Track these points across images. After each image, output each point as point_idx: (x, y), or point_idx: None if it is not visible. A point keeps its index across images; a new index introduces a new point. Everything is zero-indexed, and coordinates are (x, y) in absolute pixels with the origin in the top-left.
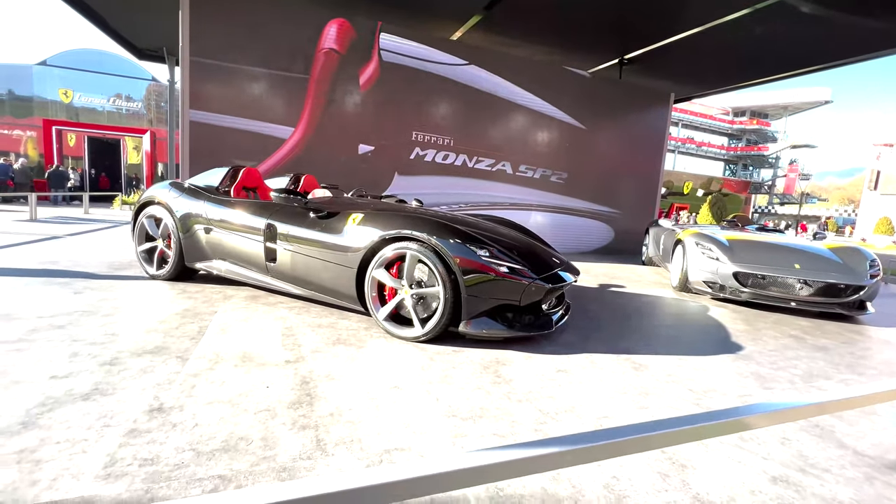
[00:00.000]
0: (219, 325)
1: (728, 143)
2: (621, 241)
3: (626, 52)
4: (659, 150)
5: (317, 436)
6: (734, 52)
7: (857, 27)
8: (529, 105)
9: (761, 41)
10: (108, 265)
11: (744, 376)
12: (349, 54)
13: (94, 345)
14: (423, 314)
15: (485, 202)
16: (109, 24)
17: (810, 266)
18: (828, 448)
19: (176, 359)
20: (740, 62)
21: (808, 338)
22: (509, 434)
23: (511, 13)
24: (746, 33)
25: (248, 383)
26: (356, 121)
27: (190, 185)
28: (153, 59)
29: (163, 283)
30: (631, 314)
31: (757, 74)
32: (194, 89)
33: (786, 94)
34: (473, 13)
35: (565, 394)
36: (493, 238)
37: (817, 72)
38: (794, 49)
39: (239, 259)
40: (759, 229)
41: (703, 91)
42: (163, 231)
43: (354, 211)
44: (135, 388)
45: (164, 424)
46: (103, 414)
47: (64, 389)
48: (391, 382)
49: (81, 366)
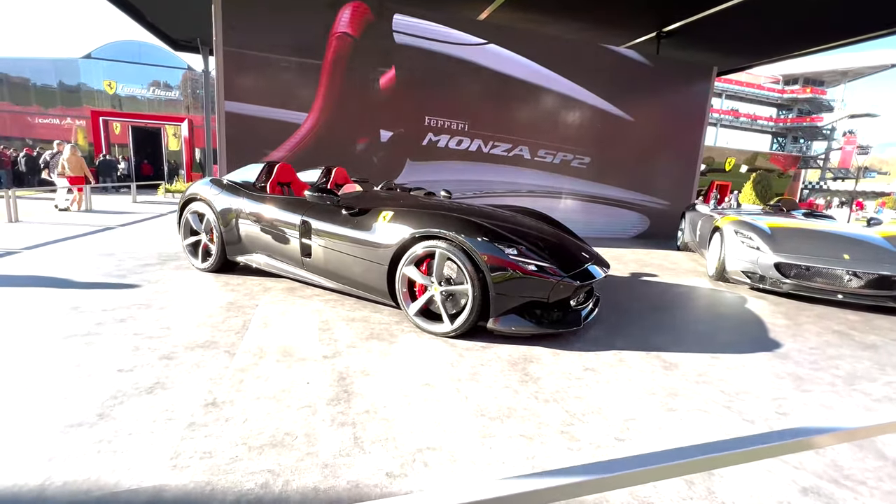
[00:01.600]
0: (260, 318)
1: (777, 115)
2: (656, 227)
3: (665, 24)
4: (699, 128)
5: (354, 433)
6: (787, 19)
7: None
8: (552, 86)
9: (819, 4)
10: (158, 256)
11: (780, 377)
12: (363, 39)
13: (151, 339)
14: (452, 310)
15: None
16: (146, 17)
17: (861, 256)
18: (866, 458)
19: (224, 353)
20: (794, 29)
21: (855, 334)
22: (536, 436)
23: None
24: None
25: (289, 378)
26: (371, 107)
27: (229, 182)
28: (188, 49)
29: (207, 274)
30: (662, 307)
31: (813, 42)
32: (228, 79)
33: (845, 58)
34: None
35: (592, 394)
36: (522, 234)
37: (885, 36)
38: (857, 11)
39: (276, 253)
40: (806, 215)
41: (750, 62)
42: (206, 226)
43: (385, 208)
44: (190, 382)
45: (218, 419)
46: (166, 408)
47: (131, 383)
48: (422, 379)
49: (143, 359)
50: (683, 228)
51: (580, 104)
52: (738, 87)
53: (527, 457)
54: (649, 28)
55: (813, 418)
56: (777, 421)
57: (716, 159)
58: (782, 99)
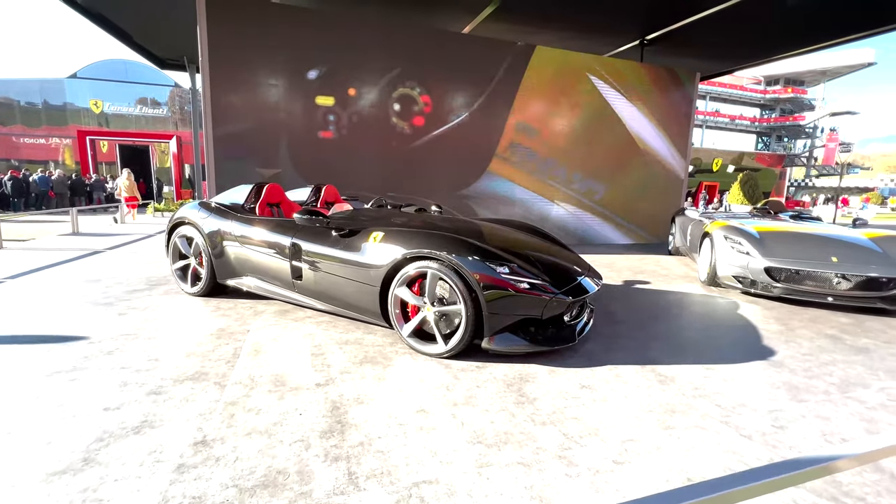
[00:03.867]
0: (252, 345)
1: (760, 115)
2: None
3: (648, 32)
4: (684, 133)
5: (349, 468)
6: (765, 25)
7: None
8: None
9: (795, 11)
10: (146, 281)
11: (775, 387)
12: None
13: (139, 372)
14: (446, 330)
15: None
16: (132, 38)
17: (849, 258)
18: (863, 472)
19: (214, 385)
20: (772, 35)
21: (847, 337)
22: (533, 462)
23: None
24: (779, 4)
25: (282, 410)
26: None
27: (217, 205)
28: (174, 67)
29: (197, 299)
30: (656, 316)
31: (791, 46)
32: (215, 97)
33: (824, 58)
34: (488, 3)
35: (589, 414)
36: (514, 250)
37: (859, 40)
38: (831, 17)
39: (266, 276)
40: (793, 217)
41: (731, 67)
42: (194, 249)
43: (375, 229)
44: (179, 418)
45: (208, 459)
46: (153, 449)
47: (117, 422)
48: (417, 405)
49: (130, 395)
50: (674, 233)
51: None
52: (721, 89)
53: (525, 486)
54: (633, 36)
55: (811, 432)
56: (775, 435)
57: (703, 160)
58: (765, 99)
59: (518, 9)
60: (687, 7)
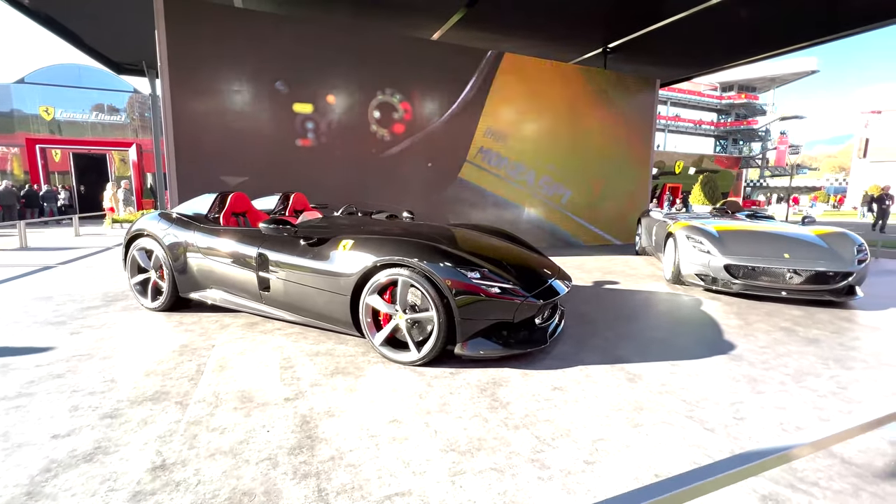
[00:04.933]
0: (217, 361)
1: (718, 119)
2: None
3: (611, 40)
4: (647, 137)
5: (318, 485)
6: (719, 35)
7: (839, 3)
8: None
9: (746, 22)
10: (103, 297)
11: (736, 380)
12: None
13: (93, 395)
14: (419, 337)
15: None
16: (85, 42)
17: (799, 254)
18: (816, 458)
19: (175, 405)
20: (725, 44)
21: (800, 329)
22: (507, 468)
23: (494, 7)
24: (732, 15)
25: (248, 428)
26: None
27: (178, 215)
28: (132, 72)
29: (159, 314)
30: (625, 316)
31: (743, 55)
32: (176, 103)
33: (772, 66)
34: (456, 10)
35: (561, 415)
36: (484, 255)
37: (805, 49)
38: (780, 28)
39: (232, 288)
40: (749, 216)
41: (689, 74)
42: (154, 263)
43: (345, 237)
44: (137, 442)
45: (167, 484)
46: (107, 476)
47: (67, 450)
48: (390, 415)
49: (83, 420)
50: (640, 234)
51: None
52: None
53: (498, 492)
54: (596, 44)
55: (768, 422)
56: (736, 427)
57: (666, 163)
58: (721, 104)
59: (485, 17)
60: (645, 17)
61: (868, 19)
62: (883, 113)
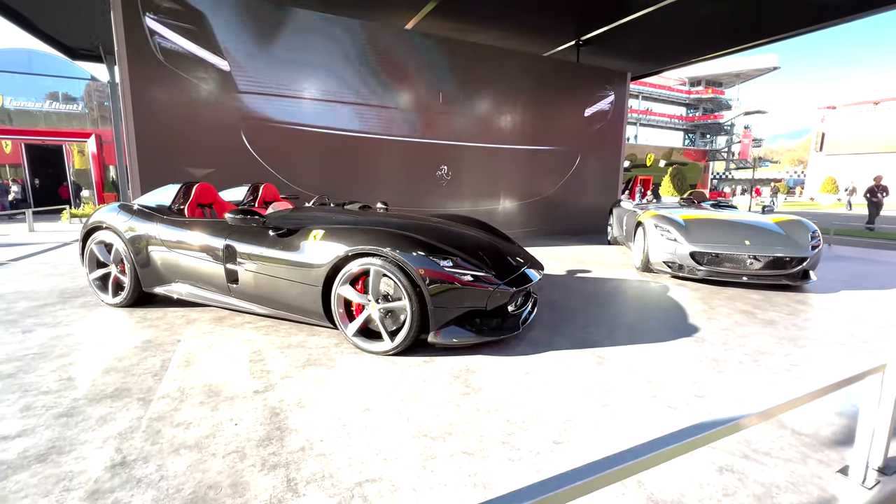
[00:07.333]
0: (182, 356)
1: (686, 113)
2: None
3: (583, 33)
4: (619, 130)
5: (287, 475)
6: (687, 29)
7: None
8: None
9: (713, 17)
10: (60, 294)
11: (699, 361)
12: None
13: (48, 394)
14: (392, 327)
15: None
16: (37, 26)
17: (759, 241)
18: (769, 429)
19: (138, 402)
20: (693, 39)
21: (758, 312)
22: (478, 451)
23: None
24: (698, 10)
25: (215, 422)
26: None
27: (140, 207)
28: (89, 58)
29: (120, 310)
30: (596, 302)
31: (709, 50)
32: (136, 91)
33: (736, 62)
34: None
35: (532, 399)
36: (457, 244)
37: (767, 44)
38: (744, 24)
39: (199, 281)
40: (714, 205)
41: (659, 68)
42: (115, 257)
43: (315, 227)
44: (95, 441)
45: (127, 481)
46: (62, 476)
47: (17, 452)
48: (362, 404)
49: (35, 421)
50: (612, 223)
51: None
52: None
53: (469, 474)
54: (569, 36)
55: (727, 398)
56: (697, 404)
57: (638, 156)
58: (689, 99)
59: (458, 7)
60: (616, 10)
61: (826, 16)
62: (837, 108)
